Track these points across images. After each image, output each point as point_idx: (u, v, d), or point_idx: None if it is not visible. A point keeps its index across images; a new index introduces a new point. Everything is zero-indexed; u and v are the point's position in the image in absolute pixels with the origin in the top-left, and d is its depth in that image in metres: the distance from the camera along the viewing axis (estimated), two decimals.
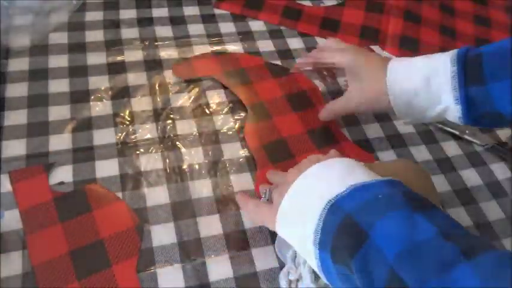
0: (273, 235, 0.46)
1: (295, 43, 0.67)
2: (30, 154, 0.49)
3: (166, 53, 0.62)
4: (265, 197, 0.43)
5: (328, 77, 0.59)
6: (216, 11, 0.69)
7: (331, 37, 0.56)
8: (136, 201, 0.47)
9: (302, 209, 0.35)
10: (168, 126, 0.54)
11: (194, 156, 0.51)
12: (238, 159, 0.52)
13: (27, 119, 0.52)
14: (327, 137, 0.55)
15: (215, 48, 0.64)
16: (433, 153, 0.56)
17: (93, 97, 0.55)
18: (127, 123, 0.53)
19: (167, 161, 0.50)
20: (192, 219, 0.46)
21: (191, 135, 0.53)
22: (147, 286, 0.41)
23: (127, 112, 0.54)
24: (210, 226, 0.46)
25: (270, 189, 0.43)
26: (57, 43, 0.60)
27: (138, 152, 0.51)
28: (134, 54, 0.61)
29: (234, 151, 0.52)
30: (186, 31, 0.65)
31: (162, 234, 0.45)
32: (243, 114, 0.56)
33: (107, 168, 0.49)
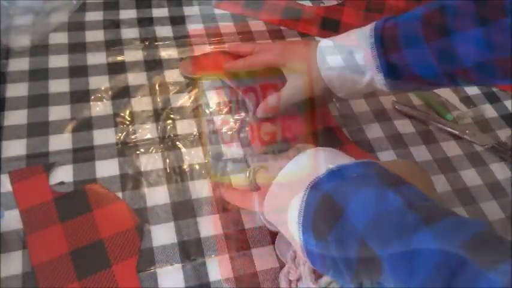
0: (273, 235, 0.46)
1: None
2: (30, 154, 0.49)
3: (166, 53, 0.62)
4: (249, 176, 0.44)
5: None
6: (216, 11, 0.69)
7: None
8: (136, 201, 0.47)
9: (288, 193, 0.37)
10: (168, 126, 0.54)
11: (194, 156, 0.51)
12: (238, 159, 0.52)
13: (27, 119, 0.52)
14: (329, 138, 0.55)
15: (215, 48, 0.64)
16: (433, 153, 0.56)
17: (93, 97, 0.55)
18: (127, 123, 0.53)
19: (167, 161, 0.50)
20: (192, 219, 0.46)
21: (191, 135, 0.53)
22: (147, 286, 0.41)
23: (127, 112, 0.54)
24: (210, 226, 0.46)
25: (253, 170, 0.44)
26: (57, 43, 0.60)
27: (138, 152, 0.51)
28: (134, 54, 0.61)
29: (234, 151, 0.52)
30: (186, 31, 0.65)
31: (162, 234, 0.45)
32: (243, 114, 0.56)
33: (107, 168, 0.49)
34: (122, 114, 0.54)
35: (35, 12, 0.62)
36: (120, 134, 0.52)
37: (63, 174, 0.48)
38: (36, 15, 0.62)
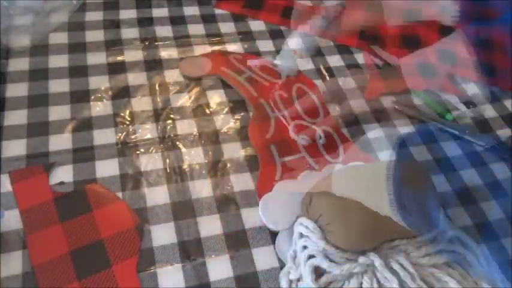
0: (273, 235, 0.46)
1: None
2: (30, 154, 0.49)
3: (166, 53, 0.62)
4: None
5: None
6: (216, 11, 0.69)
7: None
8: (136, 201, 0.47)
9: None
10: (168, 126, 0.54)
11: (194, 156, 0.51)
12: (238, 159, 0.52)
13: (27, 119, 0.52)
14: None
15: (215, 48, 0.64)
16: (433, 153, 0.56)
17: (93, 97, 0.55)
18: (127, 123, 0.53)
19: (167, 161, 0.50)
20: (192, 219, 0.46)
21: (191, 135, 0.53)
22: (147, 286, 0.41)
23: (127, 112, 0.54)
24: (210, 226, 0.46)
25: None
26: (57, 43, 0.60)
27: (138, 152, 0.51)
28: (134, 54, 0.61)
29: (234, 151, 0.52)
30: (186, 31, 0.65)
31: (162, 234, 0.45)
32: (243, 114, 0.56)
33: (107, 168, 0.49)
34: (122, 114, 0.54)
35: (35, 12, 0.62)
36: (120, 134, 0.52)
37: (63, 174, 0.48)
38: (36, 15, 0.62)
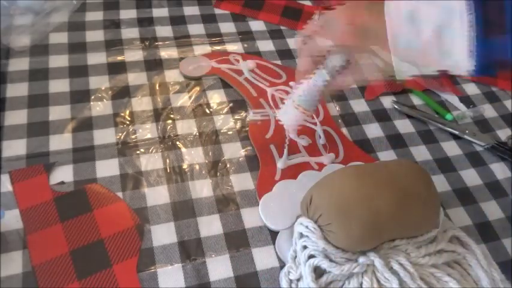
0: (273, 235, 0.46)
1: (295, 43, 0.67)
2: (31, 154, 0.49)
3: (166, 53, 0.62)
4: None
5: None
6: (216, 11, 0.69)
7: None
8: (136, 201, 0.47)
9: None
10: (168, 126, 0.54)
11: (194, 156, 0.51)
12: (238, 159, 0.52)
13: (28, 119, 0.52)
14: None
15: (215, 48, 0.64)
16: (433, 153, 0.56)
17: (93, 97, 0.55)
18: (127, 123, 0.53)
19: (167, 161, 0.50)
20: (192, 219, 0.46)
21: (191, 135, 0.53)
22: (147, 286, 0.41)
23: (127, 112, 0.54)
24: (210, 226, 0.46)
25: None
26: (57, 43, 0.60)
27: (138, 152, 0.51)
28: (134, 54, 0.61)
29: (234, 151, 0.52)
30: (186, 31, 0.65)
31: (162, 234, 0.45)
32: (243, 114, 0.56)
33: (107, 168, 0.49)
34: (122, 114, 0.54)
35: (35, 12, 0.62)
36: (120, 134, 0.52)
37: (64, 174, 0.48)
38: (36, 15, 0.62)
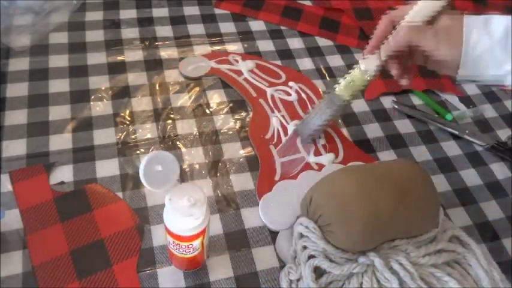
0: (273, 235, 0.46)
1: (295, 43, 0.67)
2: (31, 154, 0.49)
3: (166, 53, 0.62)
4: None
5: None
6: (216, 11, 0.69)
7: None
8: (136, 201, 0.47)
9: None
10: (168, 126, 0.54)
11: (194, 156, 0.51)
12: (238, 159, 0.52)
13: (28, 119, 0.52)
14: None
15: (215, 48, 0.64)
16: (433, 153, 0.56)
17: (93, 97, 0.55)
18: (127, 123, 0.53)
19: None
20: None
21: (191, 135, 0.53)
22: (147, 286, 0.41)
23: (127, 112, 0.54)
24: (210, 226, 0.46)
25: None
26: (57, 43, 0.60)
27: (138, 152, 0.51)
28: (134, 54, 0.61)
29: (234, 151, 0.53)
30: (186, 31, 0.65)
31: (162, 234, 0.45)
32: (243, 114, 0.56)
33: (107, 168, 0.49)
34: (122, 114, 0.54)
35: (35, 12, 0.62)
36: (120, 134, 0.52)
37: (64, 174, 0.48)
38: (36, 15, 0.62)
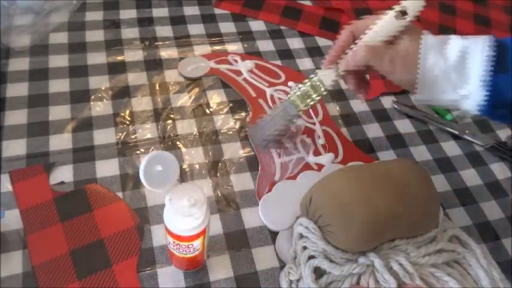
0: (273, 235, 0.46)
1: (295, 43, 0.67)
2: (31, 154, 0.49)
3: (166, 53, 0.62)
4: None
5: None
6: (216, 11, 0.69)
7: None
8: (136, 201, 0.47)
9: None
10: (168, 126, 0.54)
11: (194, 156, 0.51)
12: (238, 159, 0.52)
13: (28, 119, 0.52)
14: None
15: (215, 48, 0.64)
16: (433, 153, 0.56)
17: (93, 97, 0.55)
18: (127, 123, 0.53)
19: None
20: None
21: (191, 135, 0.53)
22: (147, 286, 0.41)
23: (127, 112, 0.54)
24: (210, 226, 0.46)
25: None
26: (57, 43, 0.60)
27: (138, 152, 0.51)
28: (134, 54, 0.61)
29: (234, 151, 0.52)
30: (186, 31, 0.65)
31: (162, 234, 0.45)
32: (243, 114, 0.56)
33: (107, 168, 0.49)
34: (122, 114, 0.54)
35: (35, 12, 0.62)
36: (120, 134, 0.52)
37: (64, 174, 0.48)
38: (36, 15, 0.62)
